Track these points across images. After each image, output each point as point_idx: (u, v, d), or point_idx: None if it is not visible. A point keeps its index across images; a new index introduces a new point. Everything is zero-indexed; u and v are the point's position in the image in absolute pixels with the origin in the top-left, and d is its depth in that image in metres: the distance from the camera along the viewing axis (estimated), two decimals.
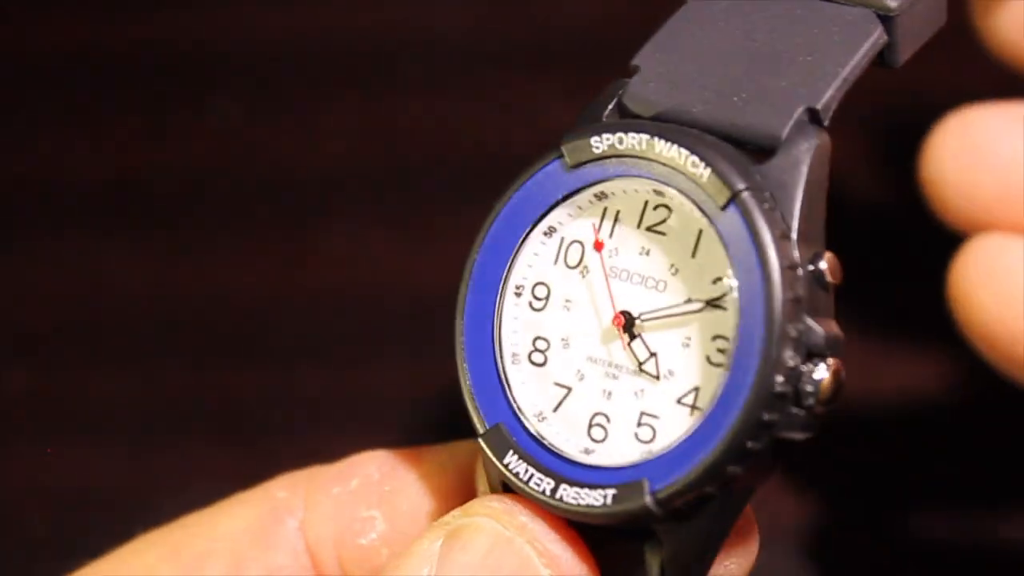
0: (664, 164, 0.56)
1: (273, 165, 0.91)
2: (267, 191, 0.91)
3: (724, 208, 0.54)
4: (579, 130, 0.57)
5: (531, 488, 0.56)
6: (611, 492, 0.55)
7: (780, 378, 0.53)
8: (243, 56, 0.93)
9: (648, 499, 0.54)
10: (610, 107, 0.59)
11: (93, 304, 0.90)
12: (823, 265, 0.55)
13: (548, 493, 0.56)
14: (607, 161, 0.57)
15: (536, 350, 0.58)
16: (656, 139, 0.56)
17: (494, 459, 0.57)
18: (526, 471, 0.56)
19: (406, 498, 0.63)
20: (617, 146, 0.56)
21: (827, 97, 0.57)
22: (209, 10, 0.93)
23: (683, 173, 0.55)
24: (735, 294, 0.54)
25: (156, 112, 0.92)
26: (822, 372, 0.53)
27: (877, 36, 0.58)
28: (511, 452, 0.56)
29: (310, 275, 0.90)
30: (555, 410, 0.57)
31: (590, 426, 0.57)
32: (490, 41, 0.92)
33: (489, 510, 0.57)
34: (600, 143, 0.57)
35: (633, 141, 0.56)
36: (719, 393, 0.54)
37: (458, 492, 0.62)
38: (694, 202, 0.55)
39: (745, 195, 0.54)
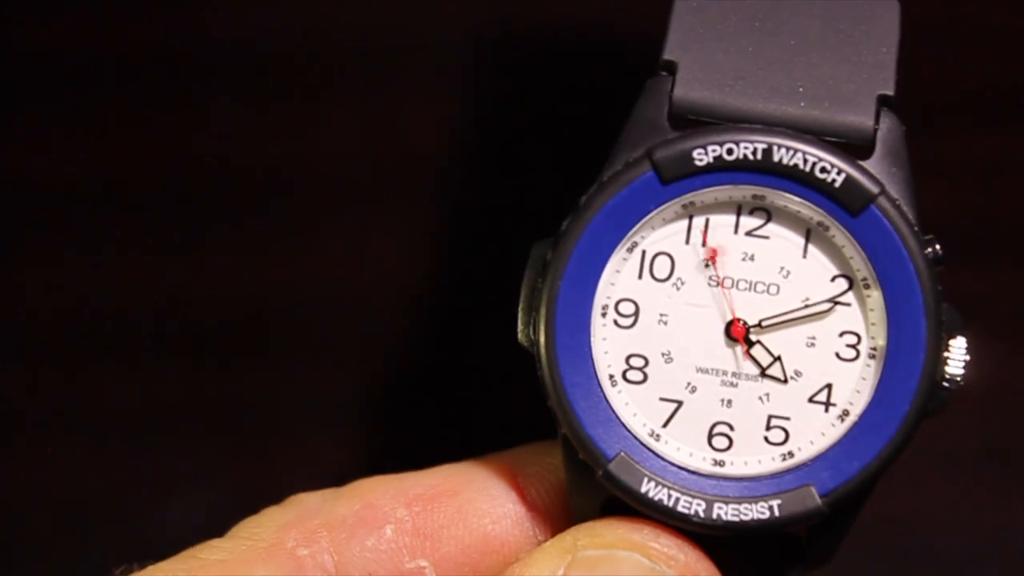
0: (781, 173, 0.55)
1: (272, 165, 0.91)
2: (266, 191, 0.91)
3: (859, 213, 0.55)
4: (673, 140, 0.56)
5: (680, 512, 0.55)
6: (776, 503, 0.54)
7: (940, 366, 0.55)
8: (243, 56, 0.93)
9: (820, 502, 0.54)
10: (666, 109, 0.57)
11: (93, 304, 0.90)
12: (939, 248, 0.56)
13: (702, 515, 0.55)
14: (708, 173, 0.56)
15: (631, 368, 0.57)
16: (775, 148, 0.55)
17: (630, 490, 0.55)
18: (670, 496, 0.55)
19: (452, 539, 0.59)
20: (726, 157, 0.55)
21: (894, 81, 0.57)
22: (209, 10, 0.93)
23: (806, 181, 0.55)
24: (876, 291, 0.55)
25: (156, 112, 0.92)
26: (965, 354, 0.55)
27: (898, 11, 0.59)
28: (646, 480, 0.55)
29: (310, 275, 0.90)
30: (664, 426, 0.57)
31: (711, 436, 0.56)
32: (490, 42, 0.92)
33: (629, 543, 0.54)
34: (704, 155, 0.55)
35: (746, 151, 0.55)
36: (873, 389, 0.55)
37: (503, 519, 0.59)
38: (816, 206, 0.55)
39: (882, 199, 0.55)
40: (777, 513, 0.54)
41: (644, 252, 0.57)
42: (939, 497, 0.84)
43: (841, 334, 0.56)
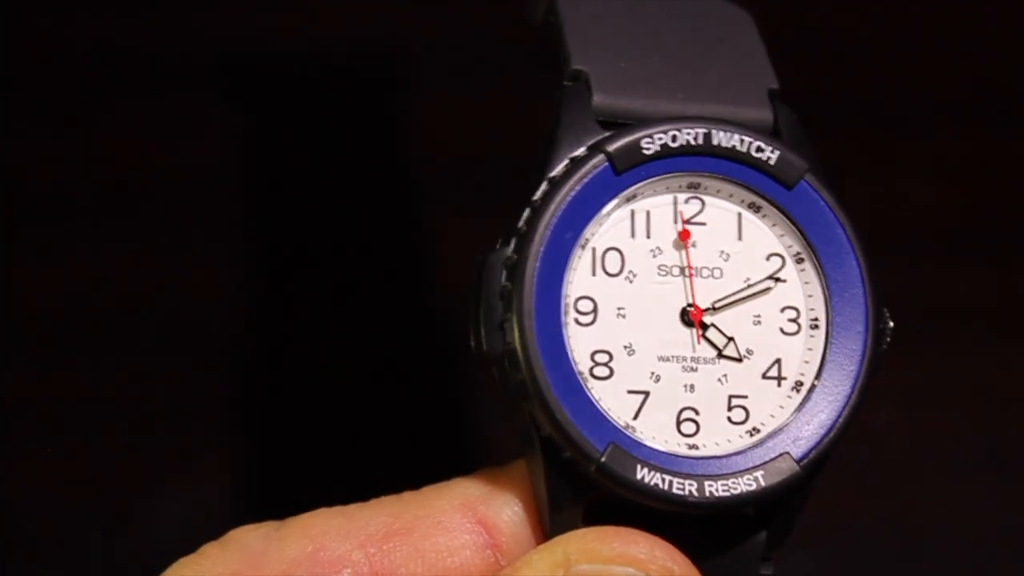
0: (720, 155, 0.58)
1: (265, 167, 0.92)
2: (260, 193, 0.91)
3: (793, 186, 0.58)
4: (620, 133, 0.58)
5: (675, 494, 0.55)
6: (759, 474, 0.56)
7: (883, 328, 0.58)
8: (241, 58, 0.93)
9: (799, 467, 0.56)
10: (590, 114, 0.59)
11: (92, 304, 0.90)
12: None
13: (696, 494, 0.56)
14: (654, 160, 0.58)
15: (597, 364, 0.57)
16: (714, 133, 0.58)
17: (626, 480, 0.55)
18: (664, 480, 0.56)
19: None
20: (671, 144, 0.58)
21: (776, 77, 0.60)
22: (208, 11, 0.93)
23: (743, 160, 0.58)
24: (810, 264, 0.58)
25: (156, 113, 0.93)
26: (889, 319, 0.58)
27: (752, 21, 0.62)
28: (640, 466, 0.56)
29: (307, 274, 0.90)
30: (635, 418, 0.57)
31: (679, 423, 0.57)
32: (488, 42, 0.92)
33: (628, 558, 0.53)
34: (651, 143, 0.58)
35: (688, 137, 0.58)
36: (822, 357, 0.57)
37: (462, 551, 0.57)
38: (754, 185, 0.58)
39: (810, 174, 0.58)
40: (763, 483, 0.56)
41: (595, 249, 0.58)
42: (939, 497, 0.84)
43: (782, 309, 0.58)
